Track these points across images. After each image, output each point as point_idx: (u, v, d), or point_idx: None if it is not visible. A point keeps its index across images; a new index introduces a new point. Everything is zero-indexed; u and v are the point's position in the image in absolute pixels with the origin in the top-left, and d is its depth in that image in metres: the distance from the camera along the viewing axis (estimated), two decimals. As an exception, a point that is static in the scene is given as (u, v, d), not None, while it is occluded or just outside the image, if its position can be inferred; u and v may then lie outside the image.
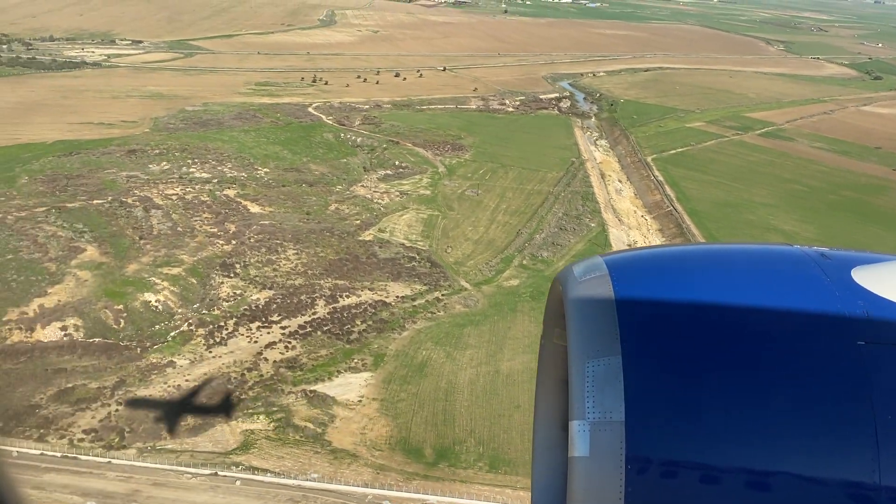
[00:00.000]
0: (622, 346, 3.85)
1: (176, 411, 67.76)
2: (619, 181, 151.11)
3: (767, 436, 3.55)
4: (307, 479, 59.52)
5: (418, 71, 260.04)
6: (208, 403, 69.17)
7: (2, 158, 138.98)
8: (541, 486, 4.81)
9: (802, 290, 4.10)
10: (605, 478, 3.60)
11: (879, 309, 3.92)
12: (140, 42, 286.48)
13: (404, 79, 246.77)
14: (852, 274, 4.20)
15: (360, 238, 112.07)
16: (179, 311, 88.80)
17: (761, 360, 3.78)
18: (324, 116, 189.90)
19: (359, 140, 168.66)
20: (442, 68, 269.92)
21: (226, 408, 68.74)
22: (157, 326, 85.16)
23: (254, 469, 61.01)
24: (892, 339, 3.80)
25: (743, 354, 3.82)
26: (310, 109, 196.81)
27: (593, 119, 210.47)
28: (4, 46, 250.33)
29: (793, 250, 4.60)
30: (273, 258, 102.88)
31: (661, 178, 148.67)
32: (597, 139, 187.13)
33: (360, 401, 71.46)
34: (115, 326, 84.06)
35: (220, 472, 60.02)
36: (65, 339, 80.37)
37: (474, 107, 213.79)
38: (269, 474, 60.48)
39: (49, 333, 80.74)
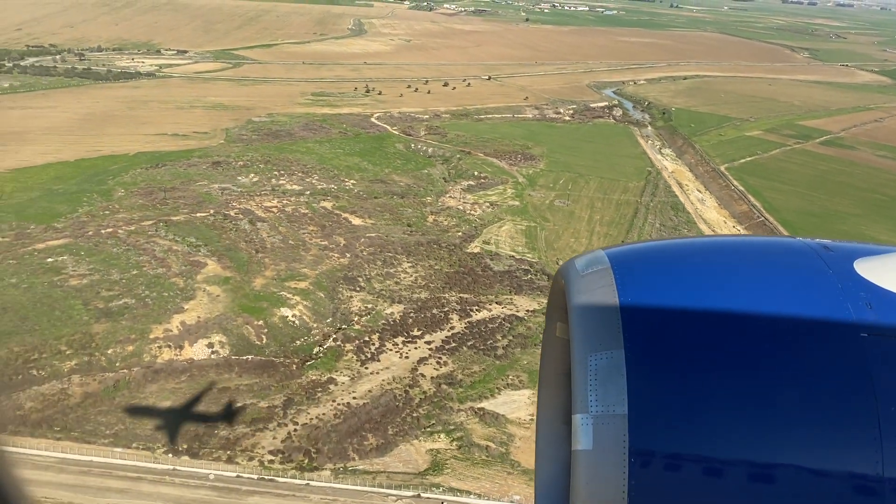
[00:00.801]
0: (624, 340, 3.78)
1: (354, 430, 66.57)
2: (698, 191, 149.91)
3: (770, 428, 3.49)
4: (510, 502, 58.25)
5: (465, 80, 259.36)
6: (383, 422, 67.96)
7: (92, 171, 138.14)
8: (544, 480, 4.72)
9: (805, 282, 4.02)
10: (608, 471, 3.54)
11: (882, 301, 3.83)
12: (185, 52, 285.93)
13: (453, 88, 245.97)
14: (855, 266, 4.10)
15: (468, 250, 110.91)
16: (314, 325, 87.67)
17: (764, 353, 3.70)
18: (388, 126, 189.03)
19: (430, 150, 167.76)
20: (487, 77, 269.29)
21: (401, 426, 67.53)
22: (298, 342, 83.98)
23: (454, 491, 59.74)
24: (895, 331, 3.74)
25: (746, 347, 3.74)
26: (373, 120, 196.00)
27: (649, 128, 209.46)
28: (57, 57, 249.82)
29: (795, 242, 4.52)
30: (391, 271, 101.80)
31: (741, 188, 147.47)
32: (660, 148, 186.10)
33: (531, 419, 70.14)
34: (258, 342, 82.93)
35: (422, 494, 58.79)
36: (212, 356, 79.24)
37: (531, 116, 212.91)
38: (471, 496, 59.22)
39: (198, 351, 79.65)
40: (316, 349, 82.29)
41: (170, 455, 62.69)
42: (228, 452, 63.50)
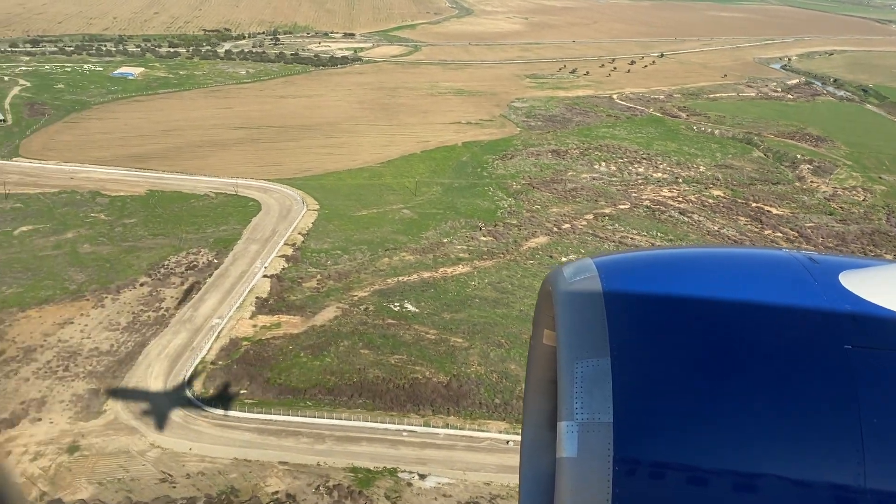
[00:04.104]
0: (611, 348, 3.73)
1: None
2: None
3: (755, 438, 3.43)
4: None
5: (642, 58, 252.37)
6: None
7: (446, 163, 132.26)
8: (529, 487, 4.58)
9: (790, 294, 3.94)
10: (592, 479, 3.48)
11: (866, 313, 3.80)
12: (351, 34, 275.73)
13: (644, 66, 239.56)
14: (840, 278, 4.03)
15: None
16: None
17: (749, 363, 3.65)
18: (640, 108, 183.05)
19: (717, 132, 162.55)
20: (659, 54, 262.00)
21: None
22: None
23: None
24: (879, 343, 3.68)
25: (731, 357, 3.70)
26: (617, 101, 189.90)
27: (868, 105, 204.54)
28: (252, 41, 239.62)
29: (782, 254, 4.38)
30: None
31: None
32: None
33: None
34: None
35: None
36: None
37: (753, 94, 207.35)
38: None
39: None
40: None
41: None
42: None
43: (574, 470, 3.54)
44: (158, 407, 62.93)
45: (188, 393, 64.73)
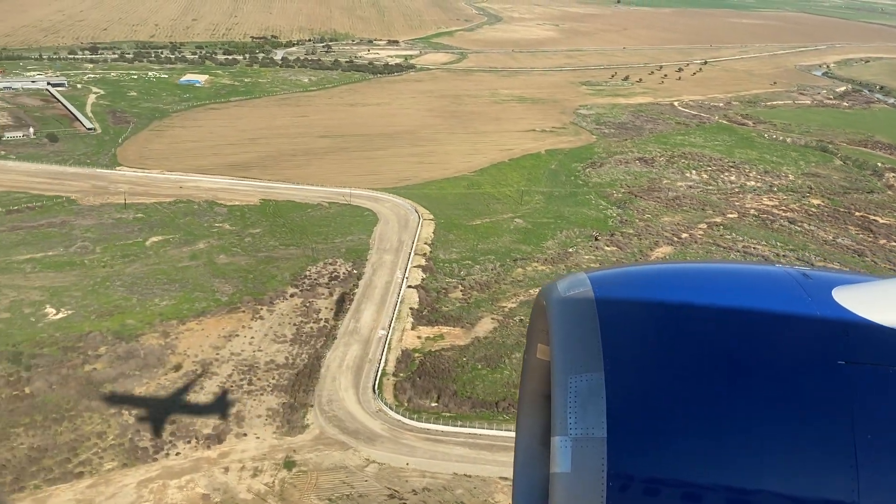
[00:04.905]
0: (605, 363, 3.70)
1: None
2: None
3: (748, 454, 3.42)
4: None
5: (687, 65, 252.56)
6: None
7: (536, 171, 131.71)
8: (522, 502, 4.52)
9: (784, 310, 3.93)
10: (586, 494, 3.45)
11: (859, 329, 3.80)
12: (395, 42, 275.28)
13: (693, 74, 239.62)
14: (833, 294, 4.02)
15: None
16: None
17: (742, 379, 3.63)
18: (704, 115, 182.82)
19: (788, 140, 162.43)
20: (702, 62, 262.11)
21: None
22: None
23: None
24: (872, 358, 3.67)
25: (725, 373, 3.67)
26: (678, 108, 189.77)
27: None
28: (304, 48, 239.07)
29: (775, 270, 4.36)
30: None
31: None
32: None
33: None
34: None
35: None
36: None
37: (809, 102, 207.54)
38: None
39: None
40: None
41: None
42: None
43: (567, 485, 3.50)
44: (359, 420, 62.09)
45: (383, 405, 63.89)
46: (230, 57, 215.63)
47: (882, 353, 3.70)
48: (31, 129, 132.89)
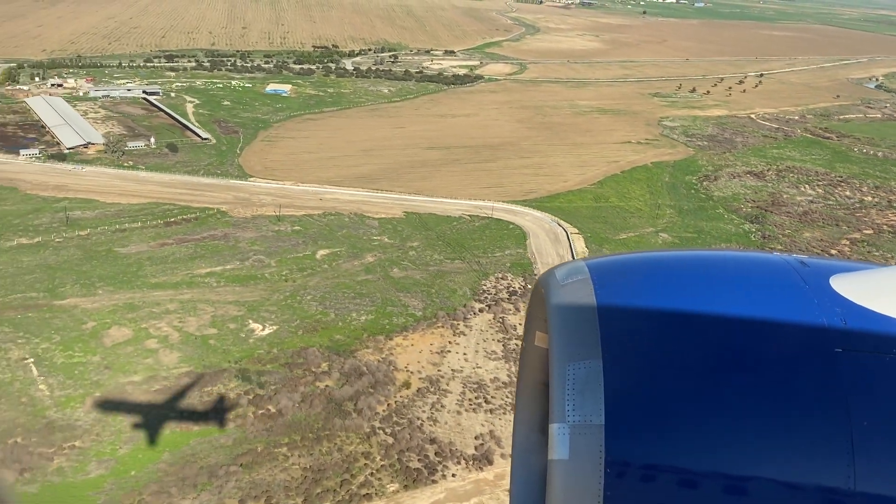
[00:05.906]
0: (603, 350, 3.70)
1: None
2: None
3: (745, 441, 3.43)
4: None
5: (746, 77, 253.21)
6: None
7: (654, 183, 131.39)
8: (520, 489, 4.54)
9: (781, 298, 3.92)
10: (584, 481, 3.46)
11: (857, 317, 3.78)
12: (452, 52, 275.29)
13: (755, 86, 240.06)
14: (831, 282, 4.01)
15: None
16: None
17: (740, 366, 3.64)
18: (786, 129, 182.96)
19: (880, 154, 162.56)
20: (759, 74, 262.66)
21: None
22: None
23: None
24: (869, 346, 3.67)
25: (722, 360, 3.69)
26: (757, 121, 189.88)
27: None
28: (371, 58, 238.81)
29: (773, 258, 4.36)
30: None
31: None
32: None
33: None
34: None
35: None
36: None
37: (879, 115, 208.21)
38: None
39: None
40: None
41: None
42: None
43: (565, 472, 3.50)
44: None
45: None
46: (303, 66, 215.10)
47: (879, 341, 3.65)
48: (152, 139, 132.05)
